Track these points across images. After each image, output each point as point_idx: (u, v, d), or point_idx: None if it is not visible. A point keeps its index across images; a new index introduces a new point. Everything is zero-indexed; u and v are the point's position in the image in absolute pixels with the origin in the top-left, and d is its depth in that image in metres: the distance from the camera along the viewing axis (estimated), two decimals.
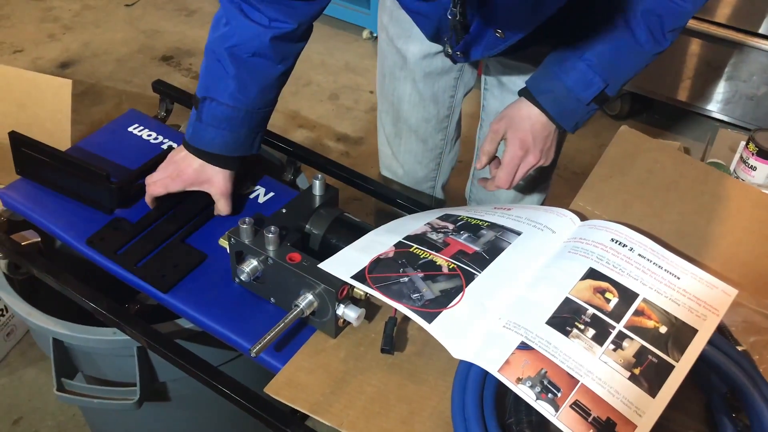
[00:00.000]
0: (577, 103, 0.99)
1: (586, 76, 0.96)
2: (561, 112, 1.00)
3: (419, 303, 0.80)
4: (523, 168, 1.03)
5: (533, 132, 1.01)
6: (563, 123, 1.01)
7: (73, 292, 0.94)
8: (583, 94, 0.98)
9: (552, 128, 1.02)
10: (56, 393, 1.00)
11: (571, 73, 0.97)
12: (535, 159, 1.03)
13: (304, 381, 0.81)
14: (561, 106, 1.00)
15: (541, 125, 1.01)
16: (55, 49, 2.93)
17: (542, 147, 1.03)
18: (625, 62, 0.98)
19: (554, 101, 0.99)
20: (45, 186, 1.08)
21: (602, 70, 0.96)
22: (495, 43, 0.92)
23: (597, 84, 0.97)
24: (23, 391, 1.67)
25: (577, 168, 2.39)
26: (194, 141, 1.01)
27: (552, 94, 0.99)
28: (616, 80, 0.98)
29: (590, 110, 1.00)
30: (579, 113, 1.00)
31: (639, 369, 0.74)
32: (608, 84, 0.98)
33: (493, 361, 0.75)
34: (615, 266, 0.83)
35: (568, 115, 1.01)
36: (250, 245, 0.89)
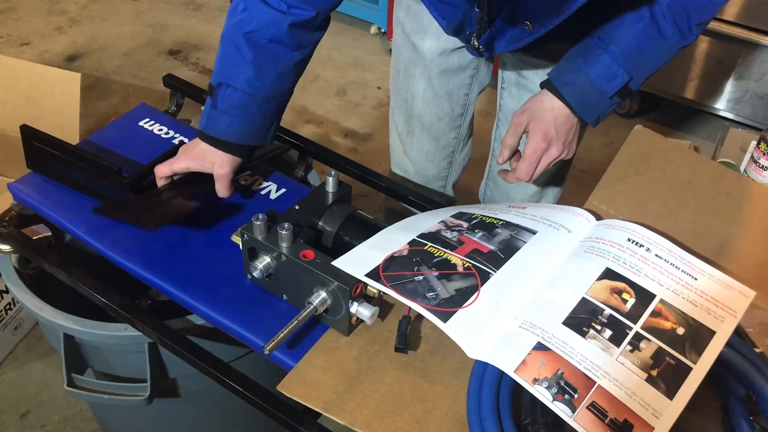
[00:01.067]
0: (600, 96, 0.98)
1: (610, 69, 0.95)
2: (583, 104, 0.99)
3: (434, 302, 0.79)
4: (545, 160, 1.02)
5: (556, 124, 1.00)
6: (585, 116, 1.00)
7: (85, 287, 0.93)
8: (607, 86, 0.97)
9: (574, 121, 1.01)
10: (66, 388, 1.00)
11: (594, 65, 0.96)
12: (557, 151, 1.02)
13: (317, 379, 0.81)
14: (584, 99, 0.98)
15: (564, 118, 1.00)
16: (62, 42, 2.92)
17: (565, 139, 1.02)
18: (650, 55, 0.97)
19: (577, 94, 0.98)
20: (56, 180, 1.07)
21: (626, 62, 0.95)
22: (521, 35, 0.91)
23: (621, 77, 0.96)
24: (30, 385, 1.67)
25: (585, 166, 2.38)
26: (208, 129, 1.00)
27: (575, 86, 0.98)
28: (641, 73, 0.97)
29: (613, 103, 0.99)
30: (602, 106, 0.99)
31: (656, 370, 0.74)
32: (632, 77, 0.96)
33: (510, 362, 0.74)
34: (632, 266, 0.83)
35: (591, 108, 0.99)
36: (264, 242, 0.88)
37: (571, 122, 1.01)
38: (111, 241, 0.99)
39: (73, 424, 1.60)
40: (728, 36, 2.24)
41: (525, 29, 0.90)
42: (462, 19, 0.97)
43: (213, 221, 1.04)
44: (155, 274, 0.95)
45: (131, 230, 1.01)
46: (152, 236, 1.01)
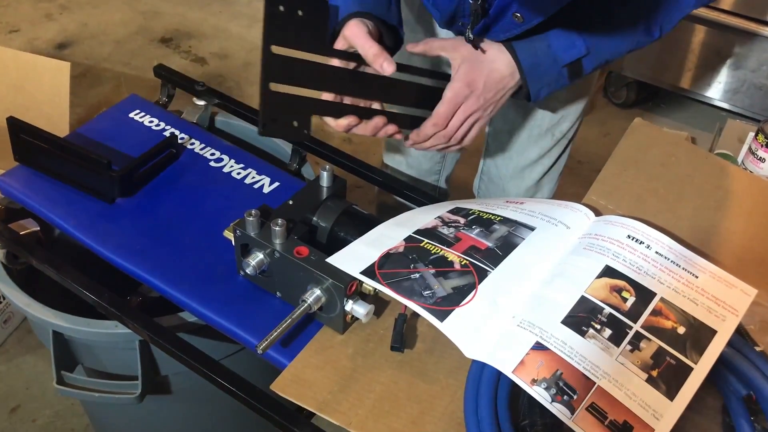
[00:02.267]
0: (553, 63, 0.94)
1: (570, 36, 0.92)
2: (534, 66, 0.94)
3: (431, 300, 0.78)
4: (462, 110, 0.95)
5: (488, 79, 0.94)
6: (530, 80, 0.94)
7: (74, 284, 0.91)
8: (562, 54, 0.93)
9: (509, 84, 0.95)
10: (56, 386, 0.98)
11: (558, 32, 0.93)
12: (476, 104, 0.94)
13: (311, 378, 0.79)
14: (535, 60, 0.93)
15: (500, 75, 0.94)
16: (52, 29, 2.88)
17: (488, 96, 0.95)
18: (614, 37, 0.94)
19: (530, 52, 0.93)
20: (44, 173, 1.05)
21: (588, 35, 0.92)
22: (511, 26, 0.89)
23: (579, 47, 0.93)
24: (21, 379, 1.66)
25: (581, 157, 2.37)
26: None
27: (530, 44, 0.93)
28: (598, 53, 0.94)
29: (560, 78, 0.95)
30: (549, 76, 0.95)
31: (657, 371, 0.72)
32: (589, 53, 0.93)
33: (507, 362, 0.73)
34: (632, 264, 0.81)
35: (539, 74, 0.94)
36: (256, 238, 0.86)
37: (505, 84, 0.95)
38: (101, 236, 0.97)
39: (64, 419, 1.58)
40: (726, 26, 2.22)
41: (515, 20, 0.88)
42: (455, 10, 0.95)
43: (205, 216, 1.02)
44: (146, 270, 0.93)
45: (121, 225, 0.99)
46: (143, 231, 0.99)
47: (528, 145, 1.25)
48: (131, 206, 1.02)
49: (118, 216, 1.01)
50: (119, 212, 1.01)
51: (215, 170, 1.10)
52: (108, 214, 1.01)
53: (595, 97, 2.66)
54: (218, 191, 1.06)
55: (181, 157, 1.11)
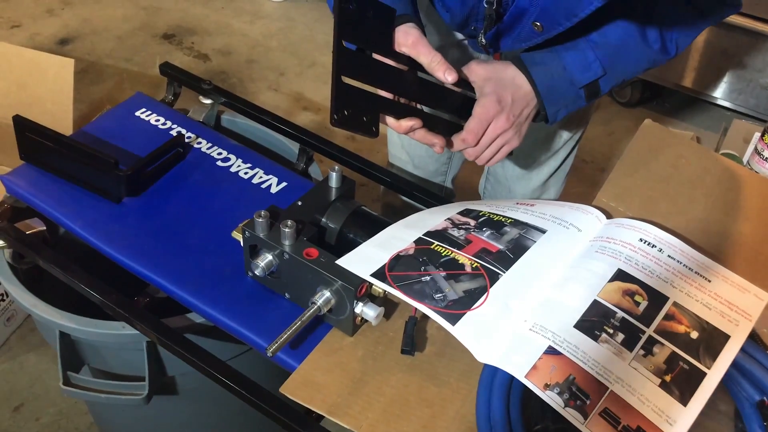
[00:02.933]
0: (569, 86, 0.93)
1: (586, 58, 0.92)
2: (550, 89, 0.93)
3: (442, 304, 0.77)
4: (493, 128, 0.93)
5: (514, 94, 0.92)
6: (547, 103, 0.94)
7: (81, 284, 0.91)
8: (579, 76, 0.92)
9: (533, 103, 0.94)
10: (62, 387, 0.97)
11: (571, 51, 0.92)
12: (507, 123, 0.93)
13: (320, 381, 0.79)
14: (552, 83, 0.93)
15: (524, 93, 0.93)
16: (54, 24, 2.87)
17: (517, 114, 0.93)
18: (629, 56, 0.93)
19: (546, 76, 0.92)
20: (50, 172, 1.04)
21: (604, 56, 0.91)
22: (530, 35, 0.88)
23: (595, 69, 0.92)
24: (24, 377, 1.65)
25: (586, 156, 2.36)
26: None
27: (546, 67, 0.92)
28: (614, 73, 0.94)
29: (578, 100, 0.95)
30: (567, 98, 0.94)
31: (670, 376, 0.72)
32: (606, 73, 0.93)
33: (520, 366, 0.72)
34: (644, 268, 0.81)
35: (556, 96, 0.94)
36: (266, 239, 0.86)
37: (528, 101, 0.94)
38: (107, 236, 0.97)
39: (67, 418, 1.58)
40: (732, 25, 2.22)
41: (534, 29, 0.87)
42: (468, 14, 0.94)
43: (212, 216, 1.01)
44: (153, 270, 0.93)
45: (128, 225, 0.99)
46: (150, 231, 0.98)
47: (535, 146, 1.24)
48: (138, 206, 1.02)
49: (124, 215, 1.00)
50: (126, 212, 1.01)
51: (222, 170, 1.09)
52: (115, 214, 1.00)
53: None
54: (225, 191, 1.05)
55: (188, 157, 1.10)
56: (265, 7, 3.08)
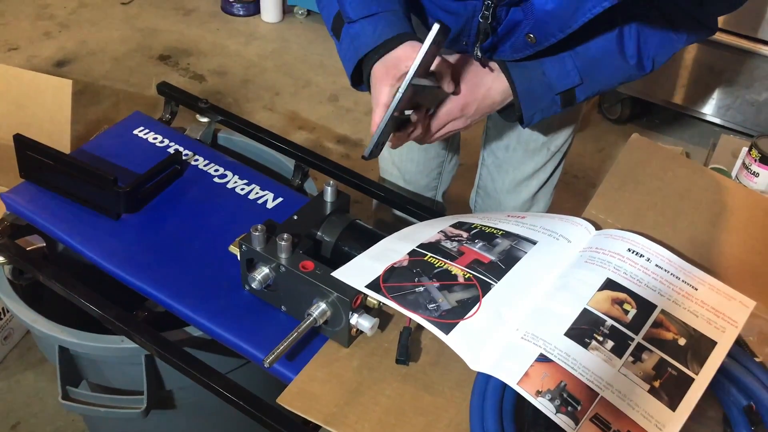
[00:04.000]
0: (547, 91, 0.96)
1: (565, 66, 0.95)
2: (527, 92, 0.96)
3: (436, 313, 0.79)
4: (449, 128, 0.98)
5: (481, 103, 0.96)
6: (524, 105, 0.97)
7: (81, 299, 0.92)
8: (556, 82, 0.95)
9: (497, 107, 0.99)
10: (61, 401, 0.98)
11: (551, 57, 0.95)
12: (462, 125, 0.98)
13: (317, 391, 0.80)
14: (530, 87, 0.96)
15: (491, 101, 0.97)
16: (51, 47, 2.90)
17: (476, 119, 0.98)
18: (606, 68, 0.96)
19: (526, 79, 0.96)
20: (50, 190, 1.06)
21: (582, 65, 0.95)
22: (523, 47, 0.91)
23: (573, 77, 0.95)
24: (21, 395, 1.65)
25: (577, 172, 2.39)
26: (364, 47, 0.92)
27: (526, 70, 0.96)
28: (591, 83, 0.97)
29: (553, 105, 0.98)
30: (543, 102, 0.97)
31: (659, 382, 0.74)
32: (582, 82, 0.96)
33: (512, 374, 0.74)
34: (633, 277, 0.83)
35: (533, 100, 0.97)
36: (262, 252, 0.87)
37: (494, 108, 0.99)
38: (106, 252, 0.98)
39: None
40: (719, 43, 2.26)
41: (527, 41, 0.89)
42: (461, 29, 0.97)
43: (209, 231, 1.03)
44: (151, 284, 0.94)
45: (127, 241, 1.00)
46: (148, 247, 1.00)
47: (523, 159, 1.26)
48: (136, 222, 1.03)
49: (123, 232, 1.02)
50: (125, 228, 1.03)
51: (219, 186, 1.11)
52: (113, 230, 1.02)
53: (589, 113, 2.69)
54: (222, 207, 1.07)
55: (186, 174, 1.12)
56: (259, 28, 3.12)
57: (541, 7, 0.84)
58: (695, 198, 1.04)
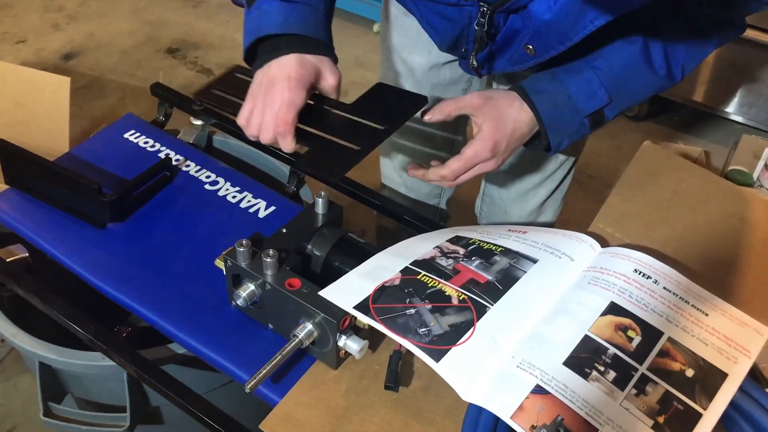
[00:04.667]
0: (574, 114, 0.89)
1: (591, 85, 0.88)
2: (554, 119, 0.89)
3: (426, 339, 0.74)
4: (477, 170, 0.90)
5: (510, 138, 0.88)
6: (551, 133, 0.90)
7: (60, 315, 0.89)
8: (584, 104, 0.88)
9: (525, 139, 0.91)
10: (42, 418, 0.95)
11: (576, 78, 0.88)
12: (494, 166, 0.90)
13: (302, 417, 0.76)
14: (556, 113, 0.89)
15: (521, 134, 0.89)
16: (59, 39, 2.87)
17: (506, 157, 0.91)
18: (634, 83, 0.90)
19: (550, 105, 0.88)
20: (35, 197, 1.02)
21: (609, 83, 0.88)
22: (522, 58, 0.86)
23: (600, 97, 0.88)
24: (17, 399, 1.63)
25: (592, 171, 2.32)
26: (267, 28, 0.83)
27: (550, 96, 0.88)
28: (620, 100, 0.90)
29: (582, 128, 0.91)
30: (571, 127, 0.90)
31: (663, 417, 0.69)
32: (611, 101, 0.89)
33: (506, 406, 0.69)
34: (638, 300, 0.78)
35: (559, 126, 0.90)
36: (247, 269, 0.83)
37: (523, 140, 0.91)
38: (90, 264, 0.94)
39: None
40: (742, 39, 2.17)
41: (526, 53, 0.84)
42: (459, 35, 0.91)
43: (197, 242, 0.99)
44: (135, 299, 0.90)
45: (112, 252, 0.97)
46: (133, 258, 0.96)
47: (531, 168, 1.21)
48: (122, 232, 1.00)
49: (108, 242, 0.98)
50: (110, 238, 0.99)
51: (210, 193, 1.07)
52: (98, 240, 0.98)
53: None
54: (212, 216, 1.03)
55: (176, 180, 1.08)
56: None
57: (540, 17, 0.79)
58: (710, 211, 0.99)
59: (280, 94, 0.81)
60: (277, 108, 0.81)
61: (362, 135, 0.84)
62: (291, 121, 0.82)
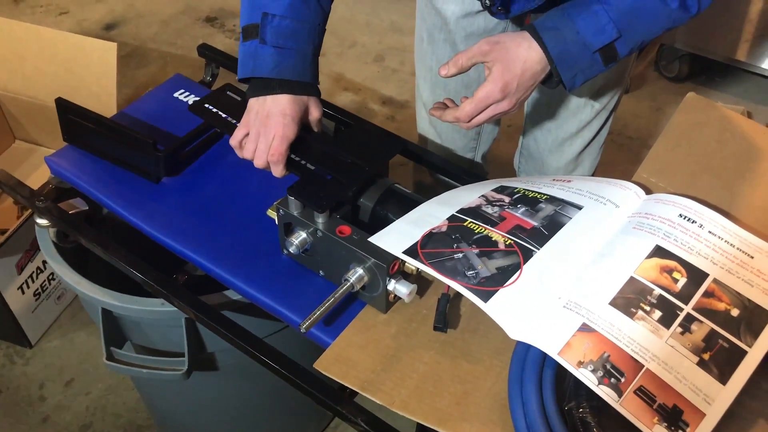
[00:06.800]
0: (583, 49, 0.90)
1: (599, 20, 0.88)
2: (563, 54, 0.90)
3: (474, 281, 0.76)
4: (492, 111, 0.93)
5: (521, 78, 0.91)
6: (561, 69, 0.91)
7: (121, 262, 0.93)
8: (592, 39, 0.89)
9: (540, 77, 0.93)
10: (105, 362, 1.00)
11: (584, 13, 0.89)
12: (508, 107, 0.93)
13: (354, 357, 0.79)
14: (565, 48, 0.90)
15: (532, 73, 0.91)
16: (100, 10, 2.92)
17: (520, 96, 0.93)
18: (645, 17, 0.89)
19: (559, 41, 0.90)
20: (92, 153, 1.06)
21: (618, 17, 0.88)
22: None
23: (609, 32, 0.89)
24: (74, 353, 1.71)
25: (632, 133, 2.30)
26: (261, 70, 0.93)
27: (558, 32, 0.90)
28: (631, 35, 0.90)
29: (594, 64, 0.91)
30: (582, 63, 0.91)
31: (708, 354, 0.70)
32: (621, 35, 0.89)
33: (553, 344, 0.71)
34: (683, 244, 0.79)
35: (569, 62, 0.91)
36: (299, 217, 0.86)
37: (536, 78, 0.92)
38: (147, 216, 0.98)
39: (115, 393, 1.62)
40: None
41: None
42: None
43: (248, 195, 1.02)
44: (191, 248, 0.94)
45: (167, 204, 1.01)
46: (188, 210, 1.00)
47: (566, 117, 1.21)
48: (177, 185, 1.03)
49: (163, 195, 1.02)
50: (165, 191, 1.03)
51: None
52: (154, 194, 1.02)
53: (646, 70, 2.58)
54: (261, 171, 1.05)
55: (225, 137, 1.11)
56: None
57: None
58: (755, 160, 0.98)
59: (274, 127, 0.92)
60: (271, 139, 0.92)
61: (347, 170, 0.93)
62: (284, 152, 0.93)
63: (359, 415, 0.77)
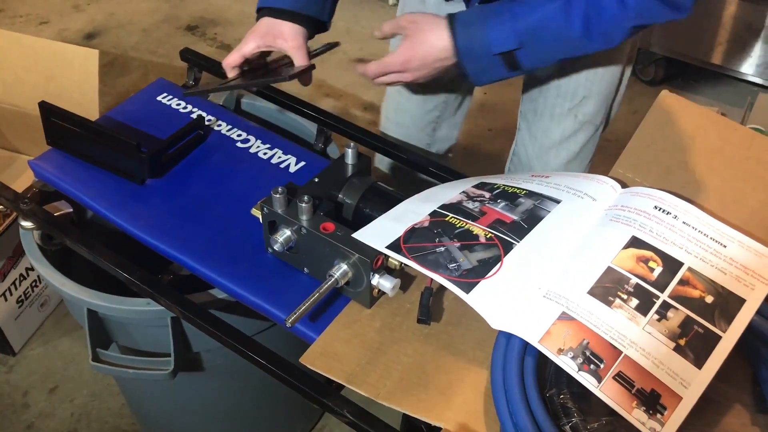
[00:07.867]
0: (485, 50, 0.97)
1: (505, 28, 0.95)
2: (467, 49, 0.97)
3: (456, 273, 0.78)
4: (393, 78, 1.03)
5: (424, 60, 1.00)
6: (466, 60, 0.98)
7: (107, 262, 0.93)
8: (494, 43, 0.96)
9: (447, 62, 1.00)
10: (91, 363, 1.01)
11: (496, 18, 0.95)
12: (410, 78, 1.02)
13: (339, 351, 0.81)
14: (470, 44, 0.97)
15: (434, 59, 0.99)
16: (81, 20, 2.92)
17: (423, 74, 1.02)
18: (548, 36, 0.95)
19: (467, 35, 0.97)
20: (76, 156, 1.07)
21: (522, 30, 0.94)
22: None
23: (511, 41, 0.95)
24: (58, 360, 1.70)
25: (609, 135, 2.31)
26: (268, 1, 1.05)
27: (470, 28, 0.97)
28: (533, 50, 0.96)
29: (496, 67, 0.98)
30: (483, 61, 0.98)
31: (684, 340, 0.72)
32: (522, 47, 0.95)
33: (534, 332, 0.73)
34: (658, 234, 0.81)
35: (472, 57, 0.98)
36: (283, 215, 0.87)
37: (442, 63, 1.00)
38: (132, 216, 0.99)
39: (100, 399, 1.62)
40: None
41: None
42: None
43: (232, 195, 1.03)
44: (176, 248, 0.95)
45: (152, 205, 1.01)
46: (172, 211, 1.00)
47: (549, 125, 1.24)
48: (161, 187, 1.04)
49: (148, 196, 1.03)
50: (149, 193, 1.03)
51: (242, 151, 1.11)
52: (138, 195, 1.03)
53: None
54: (245, 171, 1.07)
55: (209, 139, 1.12)
56: None
57: None
58: (727, 155, 1.01)
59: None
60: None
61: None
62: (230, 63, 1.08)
63: (345, 407, 0.78)
